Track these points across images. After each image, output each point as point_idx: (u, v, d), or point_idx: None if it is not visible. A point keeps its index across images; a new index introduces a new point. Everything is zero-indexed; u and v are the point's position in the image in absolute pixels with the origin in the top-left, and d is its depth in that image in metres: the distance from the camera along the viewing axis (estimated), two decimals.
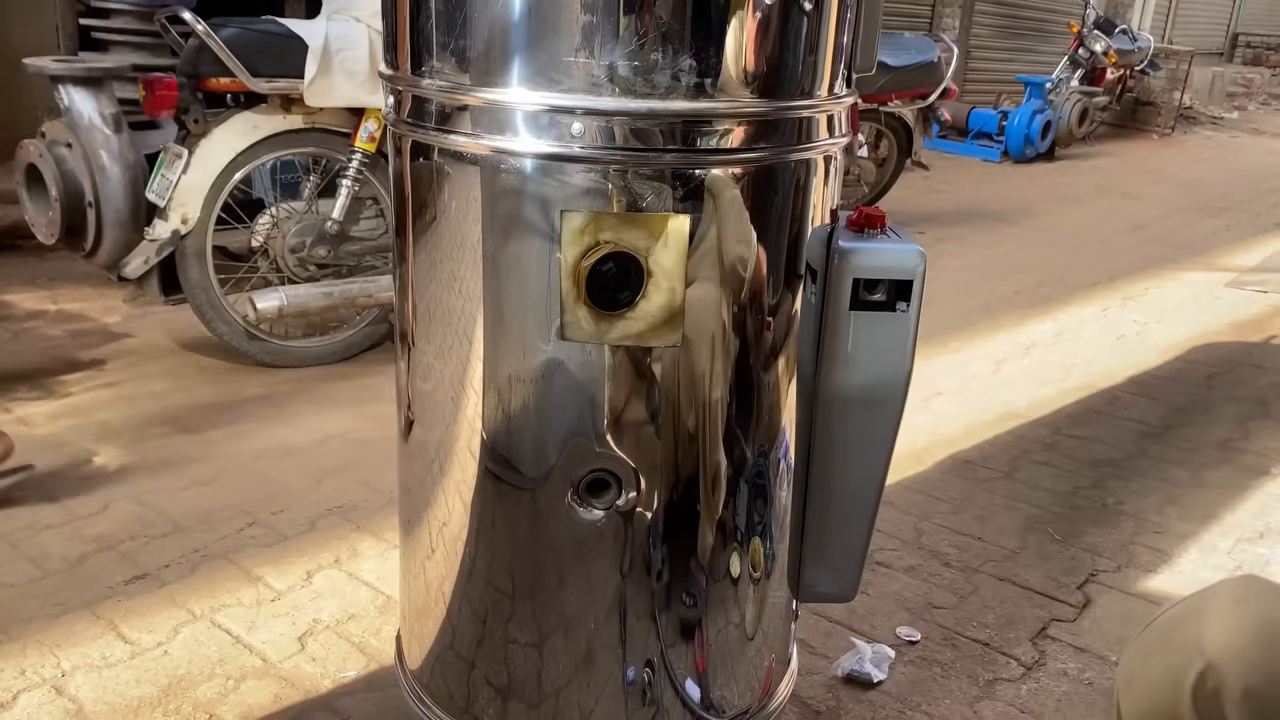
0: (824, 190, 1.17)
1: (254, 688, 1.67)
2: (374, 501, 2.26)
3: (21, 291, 3.49)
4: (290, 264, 3.01)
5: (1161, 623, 0.94)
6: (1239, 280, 4.70)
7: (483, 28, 1.01)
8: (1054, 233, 5.56)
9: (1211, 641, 0.86)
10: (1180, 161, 8.54)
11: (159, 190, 2.83)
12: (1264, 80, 13.48)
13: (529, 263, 1.07)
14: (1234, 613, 0.88)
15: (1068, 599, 2.04)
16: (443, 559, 1.26)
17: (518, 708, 1.25)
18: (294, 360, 3.02)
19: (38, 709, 1.59)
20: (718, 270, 1.08)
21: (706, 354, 1.11)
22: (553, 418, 1.12)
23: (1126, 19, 10.76)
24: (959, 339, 3.61)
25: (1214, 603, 0.91)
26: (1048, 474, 2.59)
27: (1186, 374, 3.42)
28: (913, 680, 1.77)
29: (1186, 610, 0.93)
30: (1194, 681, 0.85)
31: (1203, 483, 2.59)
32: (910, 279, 1.07)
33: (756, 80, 1.03)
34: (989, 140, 7.94)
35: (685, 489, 1.17)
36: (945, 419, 2.91)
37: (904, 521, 2.30)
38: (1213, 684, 0.84)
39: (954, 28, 9.14)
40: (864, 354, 1.10)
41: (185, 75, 2.81)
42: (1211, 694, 0.84)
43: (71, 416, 2.60)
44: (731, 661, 1.30)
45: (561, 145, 1.01)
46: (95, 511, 2.16)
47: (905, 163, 5.42)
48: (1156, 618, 0.95)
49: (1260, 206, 6.65)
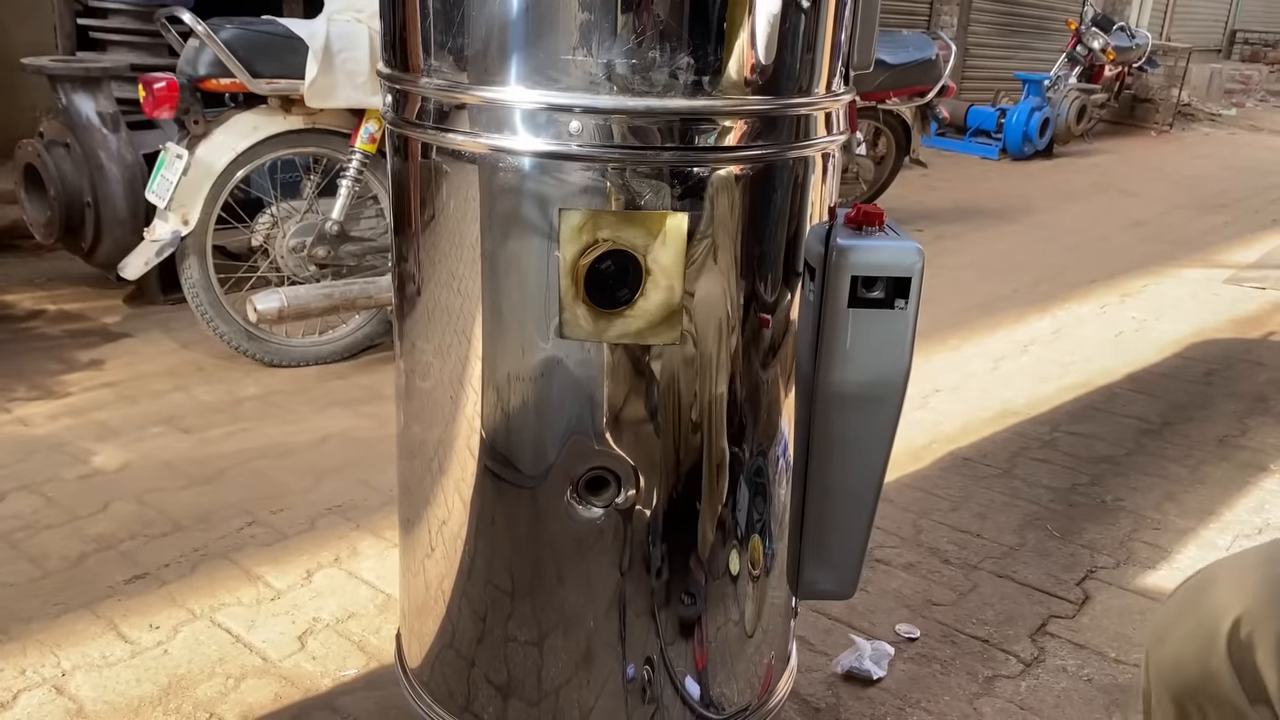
0: (822, 188, 1.17)
1: (254, 686, 1.67)
2: (374, 500, 2.27)
3: (20, 292, 3.49)
4: (290, 264, 3.02)
5: (1194, 581, 0.96)
6: (1237, 277, 4.71)
7: (481, 26, 1.01)
8: (1052, 230, 5.57)
9: (1244, 594, 0.88)
10: (1178, 158, 8.54)
11: (159, 190, 2.83)
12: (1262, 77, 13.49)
13: (528, 261, 1.07)
14: (1265, 569, 0.90)
15: (1067, 595, 2.04)
16: (442, 557, 1.26)
17: (517, 705, 1.26)
18: (293, 360, 3.02)
19: (38, 708, 1.59)
20: (716, 268, 1.09)
21: (705, 352, 1.12)
22: (552, 416, 1.12)
23: (1124, 16, 10.76)
24: (958, 336, 3.62)
25: (1245, 560, 0.93)
26: (1046, 471, 2.60)
27: (1185, 371, 3.42)
28: (912, 677, 1.77)
29: (1215, 572, 0.94)
30: (1228, 631, 0.87)
31: (1201, 479, 2.60)
32: (908, 276, 1.07)
33: (754, 78, 1.03)
34: (987, 138, 7.94)
35: (684, 487, 1.17)
36: (944, 416, 2.91)
37: (903, 519, 2.30)
38: (1246, 632, 0.86)
39: (952, 25, 9.14)
40: (862, 351, 1.10)
41: (185, 76, 2.81)
42: (1245, 642, 0.86)
43: (71, 416, 2.60)
44: (731, 659, 1.30)
45: (559, 144, 1.02)
46: (95, 511, 2.16)
47: (903, 160, 5.42)
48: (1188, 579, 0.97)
49: (1258, 203, 6.65)
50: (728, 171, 1.06)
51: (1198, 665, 0.89)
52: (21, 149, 3.29)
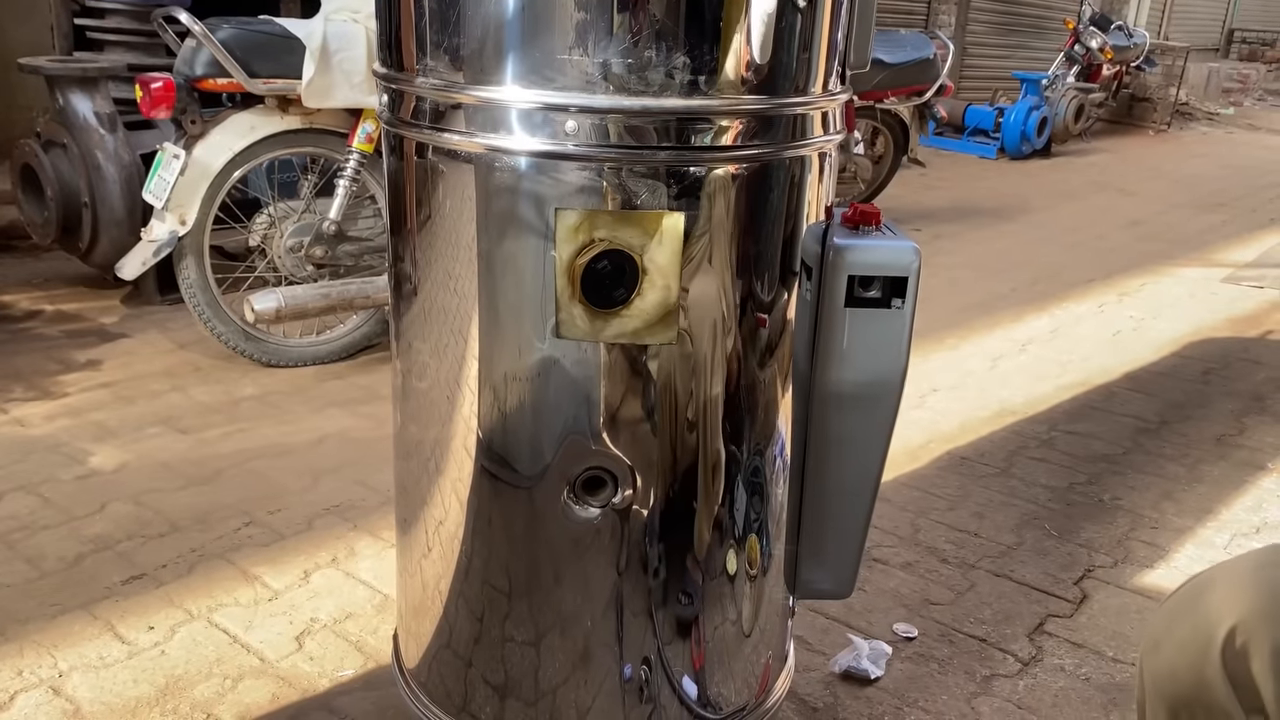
0: (819, 187, 1.17)
1: (251, 687, 1.67)
2: (371, 501, 2.26)
3: (18, 292, 3.49)
4: (288, 264, 3.01)
5: (1189, 588, 0.95)
6: (1235, 276, 4.71)
7: (476, 26, 1.01)
8: (1050, 229, 5.57)
9: (1239, 602, 0.87)
10: (1176, 157, 8.55)
11: (156, 191, 2.82)
12: (1260, 76, 13.50)
13: (524, 261, 1.07)
14: (1261, 575, 0.89)
15: (1064, 595, 2.04)
16: (440, 558, 1.26)
17: (515, 706, 1.25)
18: (291, 360, 3.02)
19: (35, 709, 1.59)
20: (713, 268, 1.09)
21: (702, 351, 1.12)
22: (548, 416, 1.12)
23: (1122, 15, 10.76)
24: (955, 336, 3.62)
25: (1240, 566, 0.92)
26: (1044, 470, 2.60)
27: (1182, 370, 3.42)
28: (910, 676, 1.77)
29: (1212, 575, 0.94)
30: (1223, 640, 0.86)
31: (1199, 478, 2.60)
32: (905, 276, 1.07)
33: (750, 77, 1.03)
34: (985, 137, 7.94)
35: (681, 486, 1.17)
36: (942, 416, 2.91)
37: (901, 518, 2.30)
38: (1241, 641, 0.85)
39: (950, 24, 9.14)
40: (859, 351, 1.10)
41: (182, 76, 2.81)
42: (1240, 651, 0.85)
43: (68, 417, 2.60)
44: (728, 658, 1.30)
45: (556, 143, 1.01)
46: (92, 512, 2.16)
47: (901, 160, 5.42)
48: (1183, 585, 0.96)
49: (1256, 202, 6.66)
50: (724, 171, 1.06)
51: (1192, 674, 0.88)
52: (19, 149, 3.29)
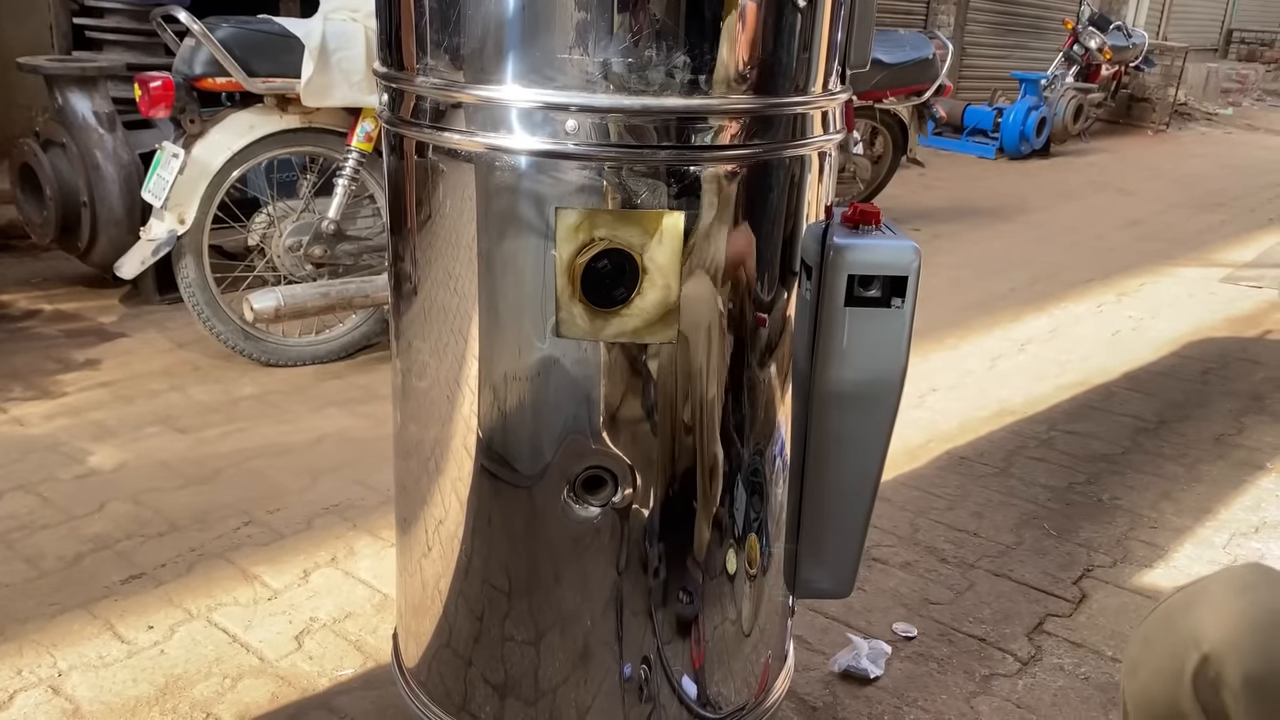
0: (819, 187, 1.17)
1: (251, 686, 1.67)
2: (370, 500, 2.26)
3: (16, 291, 3.48)
4: (287, 263, 3.01)
5: (1164, 609, 0.94)
6: (1234, 276, 4.71)
7: (477, 25, 1.01)
8: (1049, 229, 5.57)
9: (1211, 630, 0.86)
10: (1175, 157, 8.55)
11: (155, 190, 2.82)
12: (1258, 76, 13.50)
13: (524, 260, 1.07)
14: (1234, 601, 0.88)
15: (1063, 594, 2.04)
16: (439, 557, 1.26)
17: (514, 705, 1.25)
18: (290, 359, 3.02)
19: (34, 709, 1.59)
20: (713, 267, 1.09)
21: (702, 351, 1.12)
22: (548, 415, 1.12)
23: (1121, 15, 10.77)
24: (954, 335, 3.62)
25: (1214, 590, 0.91)
26: (1043, 470, 2.60)
27: (1181, 369, 3.42)
28: (909, 676, 1.77)
29: (1189, 597, 0.93)
30: (1194, 670, 0.85)
31: (1198, 478, 2.60)
32: (905, 275, 1.07)
33: (750, 77, 1.03)
34: (984, 137, 7.95)
35: (681, 485, 1.17)
36: (941, 415, 2.91)
37: (900, 518, 2.30)
38: (1213, 673, 0.84)
39: (949, 24, 9.14)
40: (859, 350, 1.10)
41: (181, 75, 2.81)
42: (1212, 682, 0.84)
43: (67, 416, 2.60)
44: (728, 658, 1.30)
45: (556, 142, 1.01)
46: (91, 511, 2.16)
47: (900, 159, 5.42)
48: (1160, 604, 0.96)
49: (1255, 202, 6.66)
50: (724, 170, 1.06)
51: (1167, 702, 0.88)
52: (17, 149, 3.29)
